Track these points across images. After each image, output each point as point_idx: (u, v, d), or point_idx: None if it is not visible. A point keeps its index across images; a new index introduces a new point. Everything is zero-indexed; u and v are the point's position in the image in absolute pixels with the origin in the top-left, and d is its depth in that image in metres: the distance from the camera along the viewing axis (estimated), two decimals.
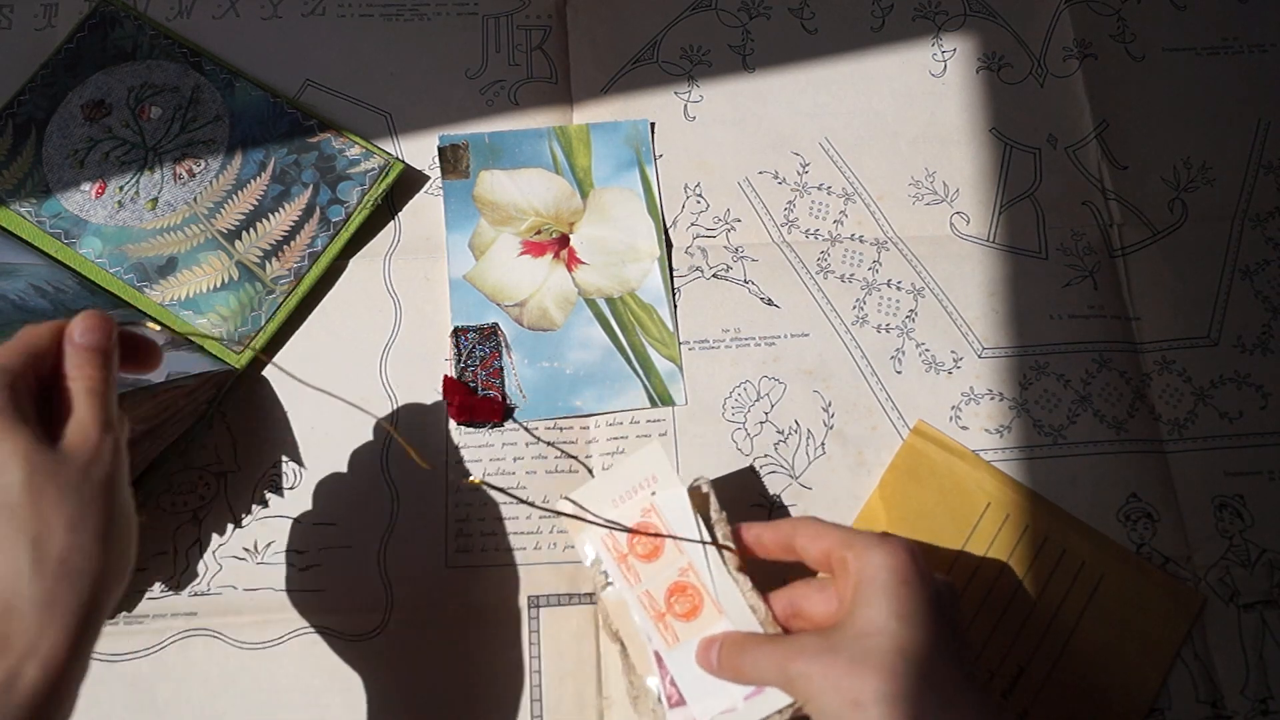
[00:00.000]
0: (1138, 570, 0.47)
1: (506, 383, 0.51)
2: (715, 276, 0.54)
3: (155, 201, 0.53)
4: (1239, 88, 0.59)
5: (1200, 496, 0.50)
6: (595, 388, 0.51)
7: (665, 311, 0.53)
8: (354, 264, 0.53)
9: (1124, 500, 0.49)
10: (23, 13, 0.58)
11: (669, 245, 0.54)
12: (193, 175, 0.54)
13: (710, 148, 0.57)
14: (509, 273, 0.53)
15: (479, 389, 0.51)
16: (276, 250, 0.52)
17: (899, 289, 0.54)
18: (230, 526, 0.48)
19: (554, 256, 0.54)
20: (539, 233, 0.54)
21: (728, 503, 0.42)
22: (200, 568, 0.47)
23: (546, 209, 0.55)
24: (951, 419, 0.51)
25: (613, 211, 0.55)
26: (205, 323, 0.51)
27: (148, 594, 0.47)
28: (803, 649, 0.36)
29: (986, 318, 0.53)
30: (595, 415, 0.51)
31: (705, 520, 0.42)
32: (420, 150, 0.56)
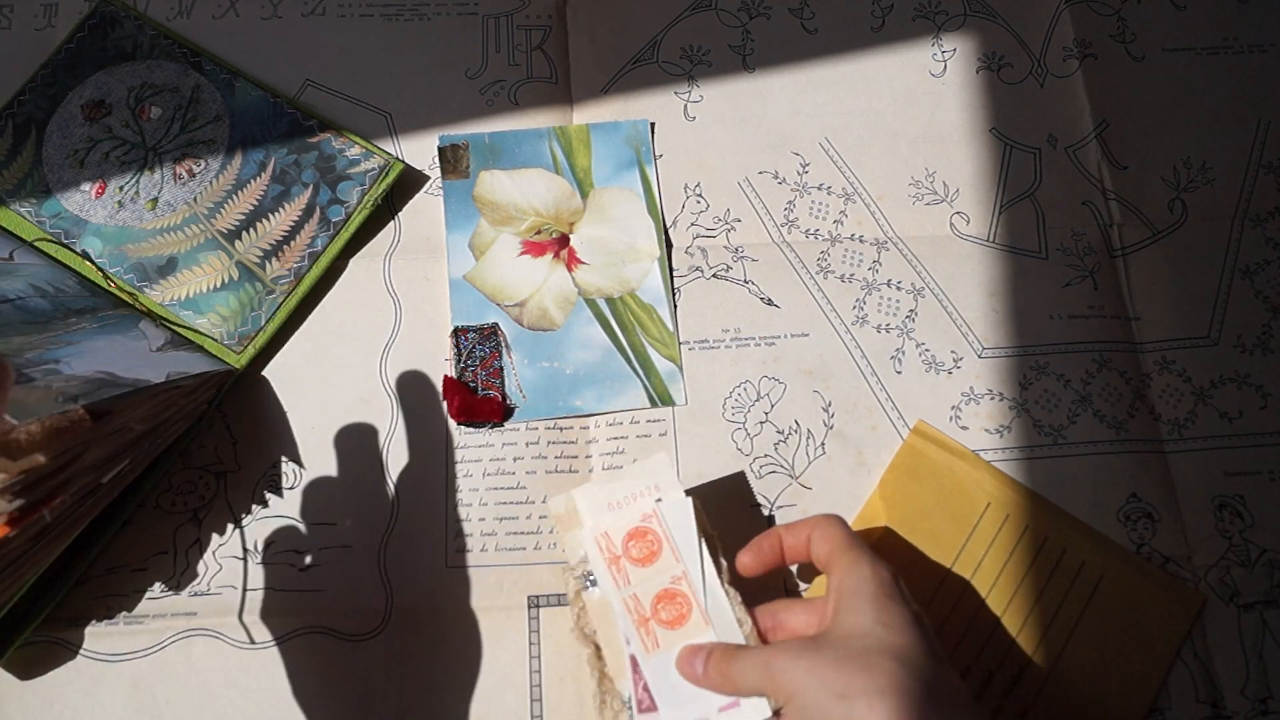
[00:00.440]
0: (1138, 570, 0.47)
1: (506, 383, 0.51)
2: (715, 276, 0.54)
3: (155, 201, 0.53)
4: (1239, 88, 0.59)
5: (1200, 496, 0.50)
6: (595, 388, 0.51)
7: (665, 311, 0.53)
8: (354, 264, 0.53)
9: (1124, 500, 0.49)
10: (23, 13, 0.58)
11: (669, 245, 0.54)
12: (193, 175, 0.54)
13: (710, 148, 0.57)
14: (509, 273, 0.53)
15: (479, 389, 0.51)
16: (276, 250, 0.52)
17: (899, 289, 0.54)
18: (230, 526, 0.48)
19: (554, 256, 0.54)
20: (539, 233, 0.54)
21: (728, 502, 0.42)
22: (200, 568, 0.47)
23: (546, 209, 0.55)
24: (951, 419, 0.51)
25: (613, 211, 0.55)
26: (205, 323, 0.51)
27: (148, 594, 0.47)
28: (789, 648, 0.37)
29: (986, 318, 0.53)
30: (595, 415, 0.51)
31: (705, 533, 0.42)
32: (420, 150, 0.56)
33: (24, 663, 0.45)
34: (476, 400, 0.50)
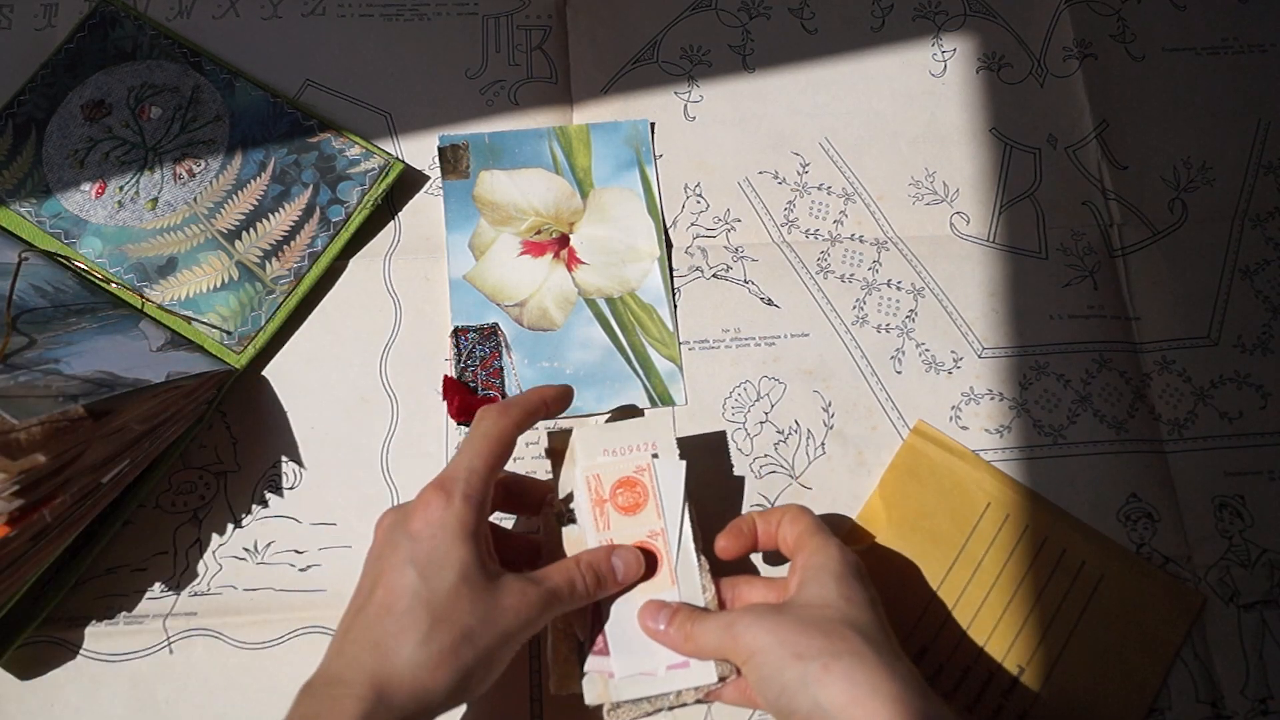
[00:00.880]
0: (1138, 570, 0.47)
1: (506, 383, 0.51)
2: (715, 276, 0.54)
3: (155, 201, 0.53)
4: (1239, 88, 0.59)
5: (1200, 496, 0.50)
6: (595, 388, 0.51)
7: (665, 311, 0.53)
8: (354, 264, 0.53)
9: (1124, 500, 0.49)
10: (23, 13, 0.58)
11: (669, 245, 0.54)
12: (193, 175, 0.54)
13: (710, 148, 0.57)
14: (509, 273, 0.53)
15: (479, 389, 0.51)
16: (276, 250, 0.52)
17: (899, 289, 0.54)
18: (230, 526, 0.48)
19: (554, 256, 0.54)
20: (539, 233, 0.54)
21: (727, 502, 0.42)
22: (200, 568, 0.47)
23: (546, 209, 0.55)
24: (951, 419, 0.51)
25: (613, 211, 0.55)
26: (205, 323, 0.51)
27: (148, 594, 0.47)
28: (751, 611, 0.38)
29: (986, 318, 0.53)
30: (595, 415, 0.51)
31: (690, 499, 0.44)
32: (420, 150, 0.56)
33: (24, 663, 0.45)
34: (476, 400, 0.50)
